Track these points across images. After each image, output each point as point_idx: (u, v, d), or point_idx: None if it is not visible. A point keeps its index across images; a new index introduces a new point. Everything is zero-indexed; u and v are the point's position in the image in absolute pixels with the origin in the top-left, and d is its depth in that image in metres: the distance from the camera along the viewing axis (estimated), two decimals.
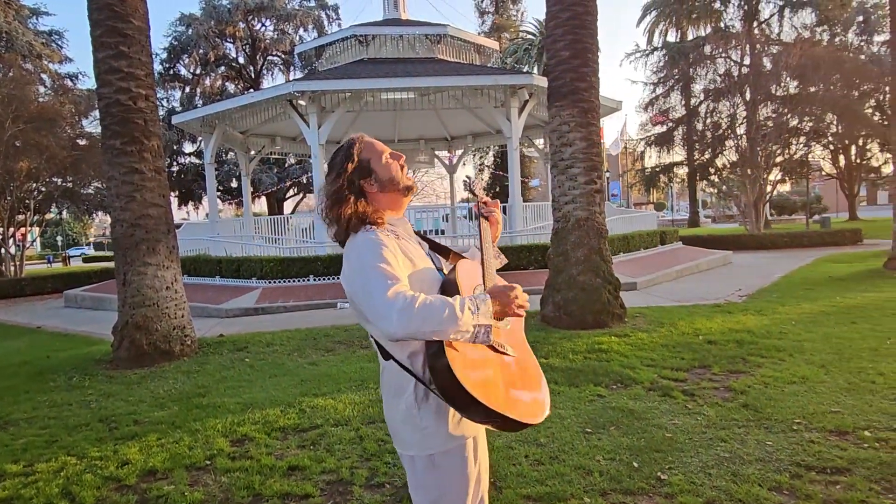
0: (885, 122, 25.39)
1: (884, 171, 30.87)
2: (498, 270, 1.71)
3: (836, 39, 25.55)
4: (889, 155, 27.84)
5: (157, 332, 6.19)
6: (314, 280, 10.26)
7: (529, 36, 35.59)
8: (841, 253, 14.97)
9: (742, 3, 24.45)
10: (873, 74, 23.64)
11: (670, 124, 28.82)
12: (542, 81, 11.90)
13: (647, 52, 29.77)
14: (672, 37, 32.51)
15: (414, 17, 16.10)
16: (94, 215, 26.56)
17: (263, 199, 29.95)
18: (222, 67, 30.35)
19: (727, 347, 5.60)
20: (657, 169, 30.83)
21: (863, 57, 24.89)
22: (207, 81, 29.78)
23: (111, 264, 20.51)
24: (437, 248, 1.81)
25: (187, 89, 29.84)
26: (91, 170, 17.40)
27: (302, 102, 11.48)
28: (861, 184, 33.66)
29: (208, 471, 3.49)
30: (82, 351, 7.25)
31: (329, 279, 10.29)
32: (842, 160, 29.90)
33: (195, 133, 14.74)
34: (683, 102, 28.91)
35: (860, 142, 28.59)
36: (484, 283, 1.62)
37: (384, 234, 1.58)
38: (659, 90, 28.73)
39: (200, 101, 28.81)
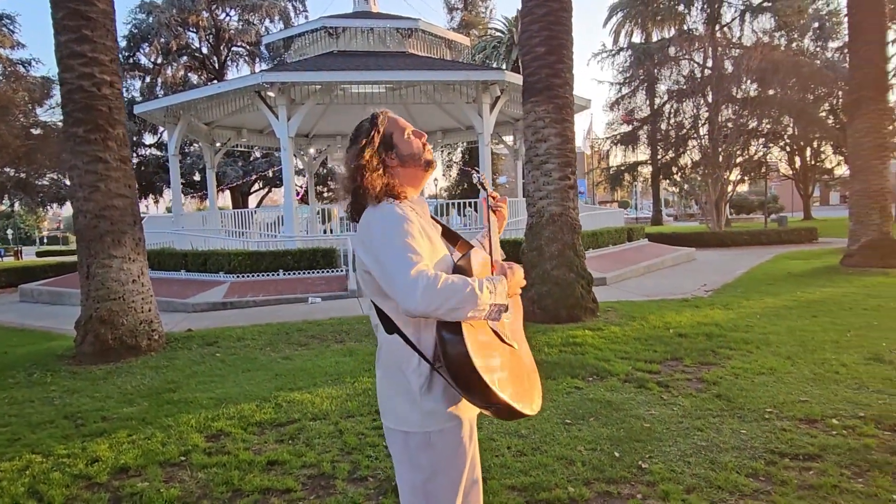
0: (838, 126, 26.43)
1: (836, 172, 32.11)
2: None
3: (794, 44, 26.43)
4: (841, 157, 28.98)
5: (123, 327, 5.99)
6: (284, 274, 10.09)
7: (498, 33, 35.76)
8: (798, 250, 15.50)
9: (705, 6, 25.05)
10: (828, 79, 24.55)
11: (635, 124, 29.38)
12: (514, 78, 11.98)
13: (613, 52, 30.26)
14: (637, 38, 33.11)
15: (384, 11, 16.00)
16: (49, 208, 25.57)
17: (227, 192, 29.31)
18: (185, 57, 29.55)
19: (697, 340, 5.73)
20: (622, 168, 31.43)
21: (818, 62, 25.80)
22: (169, 71, 28.95)
23: (68, 258, 19.83)
24: (446, 234, 1.79)
25: (148, 79, 28.97)
26: (47, 160, 16.74)
27: (271, 94, 11.26)
28: (815, 185, 34.92)
29: (184, 467, 3.39)
30: (42, 346, 6.97)
31: (299, 273, 10.14)
32: (797, 161, 30.96)
33: (158, 124, 14.35)
34: (648, 102, 29.50)
35: (815, 144, 29.67)
36: (492, 270, 1.66)
37: (409, 209, 1.57)
38: (625, 90, 29.25)
39: (162, 92, 28.01)
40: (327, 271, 10.29)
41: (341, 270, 10.37)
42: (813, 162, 30.94)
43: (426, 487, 1.59)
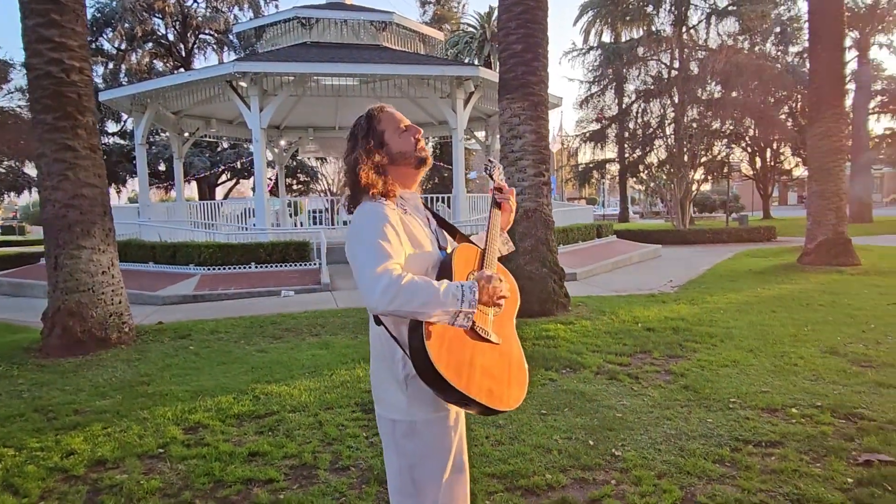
0: (797, 129, 27.36)
1: (794, 173, 33.23)
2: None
3: (756, 48, 27.15)
4: (799, 159, 30.01)
5: (92, 319, 5.88)
6: (256, 268, 10.00)
7: (471, 29, 35.82)
8: (758, 248, 16.03)
9: (672, 8, 25.52)
10: (788, 83, 25.39)
11: (604, 122, 29.83)
12: (489, 74, 12.08)
13: (583, 50, 30.58)
14: (607, 37, 33.54)
15: (357, 3, 15.88)
16: (6, 196, 24.65)
17: (194, 183, 28.72)
18: (150, 44, 28.78)
19: (665, 334, 5.93)
20: (591, 165, 31.87)
21: (779, 66, 26.61)
22: (134, 58, 28.16)
23: (27, 249, 19.18)
24: (444, 226, 1.83)
25: (111, 65, 28.13)
26: (4, 147, 16.15)
27: (243, 84, 11.11)
28: (774, 185, 36.06)
29: (162, 459, 3.39)
30: (5, 339, 6.78)
31: (272, 267, 10.06)
32: (758, 162, 31.90)
33: (124, 112, 13.98)
34: (617, 101, 29.97)
35: (774, 146, 30.62)
36: (480, 268, 1.65)
37: (391, 209, 1.61)
38: (594, 88, 29.62)
39: (126, 79, 27.25)
40: (300, 265, 10.24)
41: (314, 264, 10.32)
42: (772, 163, 31.92)
43: (411, 473, 1.65)
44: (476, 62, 34.87)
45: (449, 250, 1.73)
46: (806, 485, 2.81)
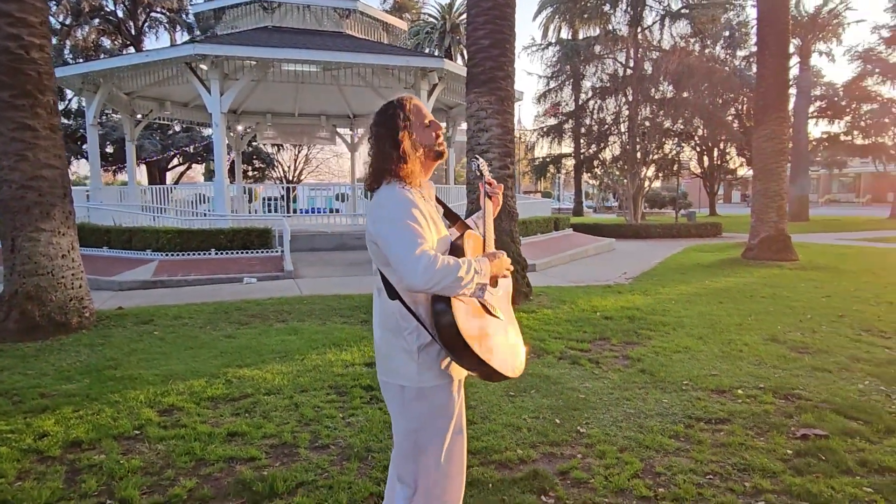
0: (742, 130, 28.57)
1: (739, 172, 34.70)
2: None
3: (707, 51, 28.15)
4: (744, 159, 31.37)
5: (51, 303, 5.75)
6: (217, 254, 9.86)
7: (431, 19, 35.73)
8: (705, 244, 16.78)
9: (628, 8, 26.16)
10: (735, 86, 26.45)
11: (561, 117, 30.38)
12: (453, 67, 12.20)
13: (542, 46, 30.97)
14: (565, 34, 34.09)
15: None
16: None
17: (143, 167, 27.79)
18: (97, 20, 27.58)
19: (621, 322, 6.24)
20: (547, 159, 32.44)
21: (727, 69, 27.69)
22: (80, 34, 26.95)
23: None
24: (447, 214, 2.01)
25: (55, 41, 26.80)
26: None
27: (203, 67, 10.88)
28: (720, 183, 37.55)
29: (140, 440, 3.42)
30: None
31: (233, 253, 9.94)
32: (706, 161, 33.17)
33: (74, 91, 13.44)
34: (574, 97, 30.54)
35: (721, 146, 31.89)
36: (484, 250, 1.91)
37: (417, 195, 1.76)
38: (552, 84, 30.09)
39: (70, 56, 26.08)
40: (262, 252, 10.16)
41: (277, 251, 10.26)
42: (719, 162, 33.25)
43: (417, 435, 1.83)
44: (437, 53, 34.88)
45: (452, 236, 1.91)
46: (751, 456, 3.10)
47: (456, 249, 1.80)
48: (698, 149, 31.98)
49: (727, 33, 29.24)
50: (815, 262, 11.31)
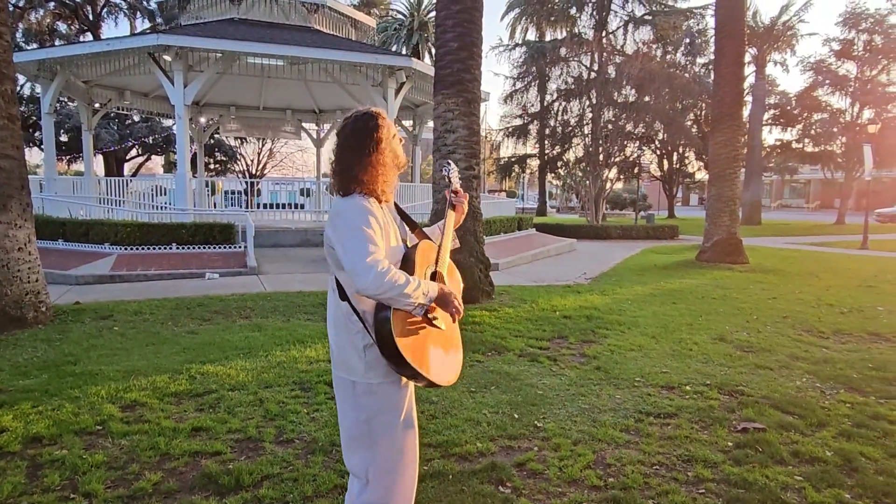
0: (700, 135, 29.50)
1: (697, 176, 35.77)
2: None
3: (668, 57, 28.93)
4: (701, 163, 32.36)
5: (6, 297, 5.63)
6: (178, 248, 9.72)
7: (400, 16, 35.65)
8: (662, 245, 17.30)
9: (594, 12, 26.68)
10: (694, 92, 27.25)
11: (527, 118, 30.77)
12: (421, 66, 12.28)
13: (510, 46, 31.27)
14: (532, 35, 34.50)
15: None
16: None
17: (99, 157, 26.96)
18: (53, 3, 26.60)
19: (579, 321, 6.46)
20: (512, 159, 32.83)
21: (687, 75, 28.52)
22: (33, 17, 25.95)
23: None
24: (404, 219, 2.09)
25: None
26: None
27: (167, 58, 10.68)
28: (679, 186, 38.65)
29: (102, 435, 3.43)
30: None
31: (195, 248, 9.81)
32: (665, 164, 34.09)
33: (29, 78, 12.98)
34: (539, 99, 30.95)
35: (680, 150, 32.85)
36: (436, 264, 1.98)
37: (375, 205, 1.86)
38: (519, 85, 30.42)
39: (24, 40, 25.11)
40: (225, 247, 10.06)
41: (239, 247, 10.17)
42: (678, 166, 34.24)
43: (369, 425, 1.93)
44: (405, 51, 34.84)
45: (408, 243, 2.02)
46: (695, 448, 3.31)
47: (406, 260, 1.88)
48: (658, 152, 32.85)
49: (688, 41, 30.09)
50: (764, 265, 11.82)
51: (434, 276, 1.95)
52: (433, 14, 35.56)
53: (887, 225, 29.46)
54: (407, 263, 1.87)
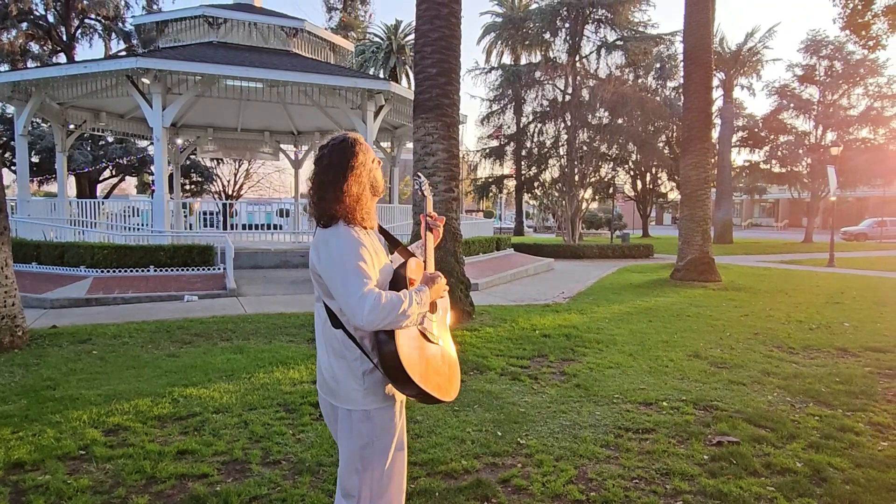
0: (672, 157, 30.23)
1: (670, 196, 36.56)
2: None
3: (640, 80, 29.75)
4: (674, 184, 33.12)
5: None
6: (156, 271, 9.63)
7: (377, 39, 36.07)
8: (637, 264, 17.61)
9: (567, 37, 27.38)
10: (665, 114, 28.03)
11: (503, 140, 31.23)
12: (399, 89, 12.48)
13: (486, 70, 31.82)
14: (508, 58, 35.21)
15: (265, 6, 15.70)
16: None
17: (72, 179, 26.55)
18: (25, 24, 26.36)
19: (559, 340, 6.58)
20: (490, 180, 33.20)
21: (658, 98, 29.33)
22: (5, 37, 25.66)
23: None
24: (387, 238, 2.13)
25: None
26: None
27: (145, 80, 10.69)
28: (652, 206, 39.41)
29: (86, 460, 3.42)
30: None
31: (173, 270, 9.74)
32: (639, 185, 34.82)
33: (2, 99, 12.83)
34: (515, 121, 31.48)
35: (653, 170, 33.60)
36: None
37: (364, 234, 1.90)
38: (495, 107, 30.91)
39: None
40: (204, 269, 10.00)
41: (219, 269, 10.12)
42: (651, 186, 34.99)
43: (362, 452, 1.96)
44: (382, 73, 35.21)
45: (392, 263, 2.06)
46: (673, 461, 3.43)
47: (398, 278, 1.93)
48: (632, 173, 33.55)
49: (658, 65, 31.04)
50: (736, 283, 12.13)
51: None
52: (410, 38, 36.23)
53: (852, 243, 30.44)
54: (400, 281, 1.91)
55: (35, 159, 25.52)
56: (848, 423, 4.05)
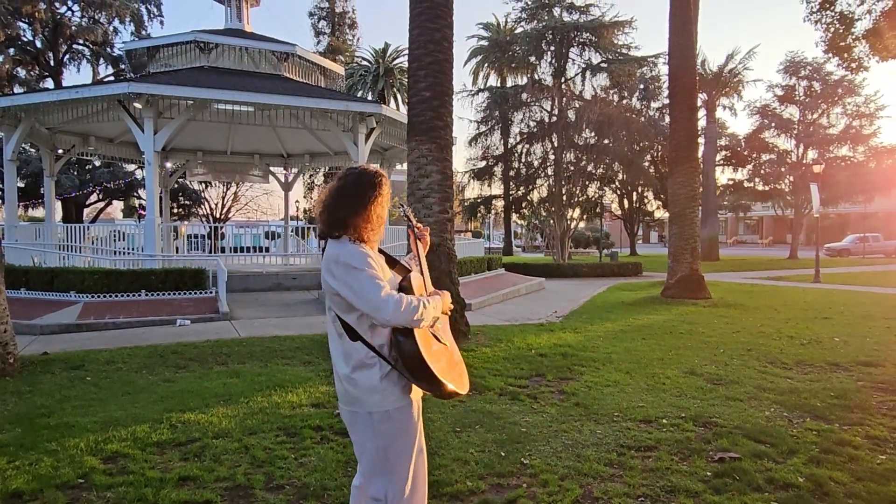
0: (658, 175, 30.66)
1: (656, 215, 36.99)
2: None
3: (624, 101, 30.28)
4: (660, 202, 33.53)
5: None
6: (147, 295, 9.55)
7: (365, 63, 36.44)
8: (627, 282, 17.74)
9: (553, 60, 27.87)
10: (650, 134, 28.50)
11: (491, 160, 31.53)
12: (390, 112, 12.60)
13: (473, 92, 32.27)
14: (494, 81, 35.68)
15: (255, 29, 15.84)
16: None
17: (58, 203, 26.35)
18: (13, 49, 26.37)
19: (555, 359, 6.60)
20: (478, 200, 33.42)
21: (643, 119, 29.83)
22: None
23: None
24: (387, 260, 2.30)
25: None
26: None
27: (137, 105, 10.70)
28: (639, 224, 39.83)
29: (86, 488, 3.37)
30: None
31: (165, 294, 9.66)
32: (626, 203, 35.21)
33: None
34: (503, 142, 31.83)
35: (639, 189, 34.03)
36: (425, 288, 2.23)
37: (370, 250, 2.10)
38: (483, 128, 31.28)
39: None
40: (196, 293, 9.93)
41: (211, 292, 10.06)
42: (638, 205, 35.40)
43: (386, 452, 2.12)
44: (370, 96, 35.51)
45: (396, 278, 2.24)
46: (676, 478, 3.44)
47: (404, 289, 2.11)
48: (619, 192, 33.95)
49: (642, 86, 31.62)
50: (725, 300, 12.25)
51: None
52: (398, 61, 36.66)
53: (836, 259, 30.87)
54: (408, 291, 2.10)
55: (21, 184, 25.32)
56: (846, 437, 4.10)
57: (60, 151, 14.57)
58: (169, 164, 18.23)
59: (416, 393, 2.17)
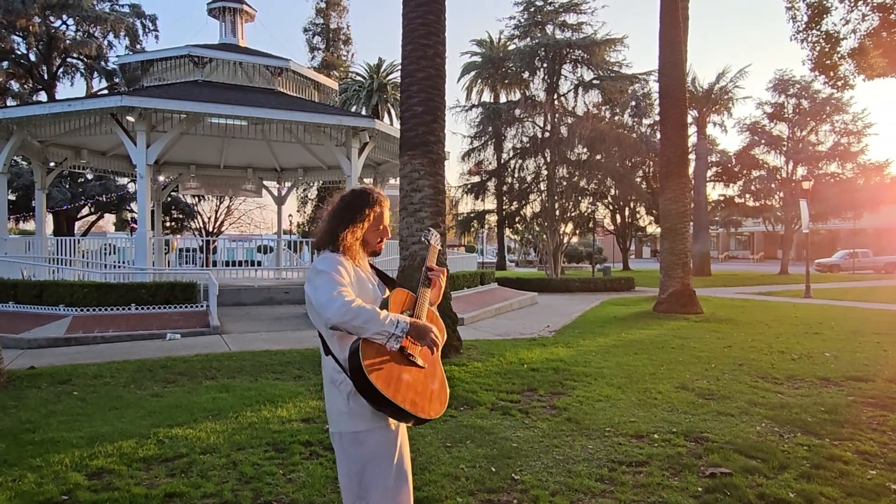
0: (650, 191, 30.87)
1: (648, 230, 37.18)
2: None
3: (616, 118, 30.55)
4: (652, 217, 33.72)
5: None
6: (137, 309, 9.47)
7: (359, 78, 36.66)
8: (620, 297, 17.77)
9: (546, 76, 28.13)
10: (642, 150, 28.73)
11: (484, 175, 31.65)
12: (384, 127, 12.66)
13: (466, 107, 32.47)
14: (487, 96, 35.95)
15: (249, 44, 15.92)
16: None
17: (49, 216, 26.20)
18: (6, 62, 26.36)
19: (547, 374, 6.58)
20: (471, 215, 33.48)
21: (635, 135, 30.09)
22: None
23: None
24: (384, 280, 2.26)
25: None
26: None
27: (130, 118, 10.71)
28: (632, 239, 39.99)
29: None
30: None
31: (155, 308, 9.59)
32: (618, 219, 35.39)
33: None
34: (496, 157, 31.97)
35: (631, 205, 34.23)
36: (413, 311, 2.06)
37: (347, 260, 2.07)
38: (476, 143, 31.41)
39: None
40: (186, 306, 9.86)
41: (201, 306, 9.99)
42: (630, 220, 35.59)
43: (360, 477, 2.00)
44: (364, 110, 35.68)
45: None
46: (668, 494, 3.43)
47: (382, 304, 2.06)
48: (611, 207, 34.13)
49: (634, 103, 31.93)
50: (717, 315, 12.29)
51: None
52: (392, 76, 36.89)
53: (826, 274, 31.09)
54: (384, 305, 2.03)
55: (12, 197, 25.18)
56: (836, 452, 4.10)
57: (52, 164, 14.52)
58: (161, 178, 18.18)
59: None
